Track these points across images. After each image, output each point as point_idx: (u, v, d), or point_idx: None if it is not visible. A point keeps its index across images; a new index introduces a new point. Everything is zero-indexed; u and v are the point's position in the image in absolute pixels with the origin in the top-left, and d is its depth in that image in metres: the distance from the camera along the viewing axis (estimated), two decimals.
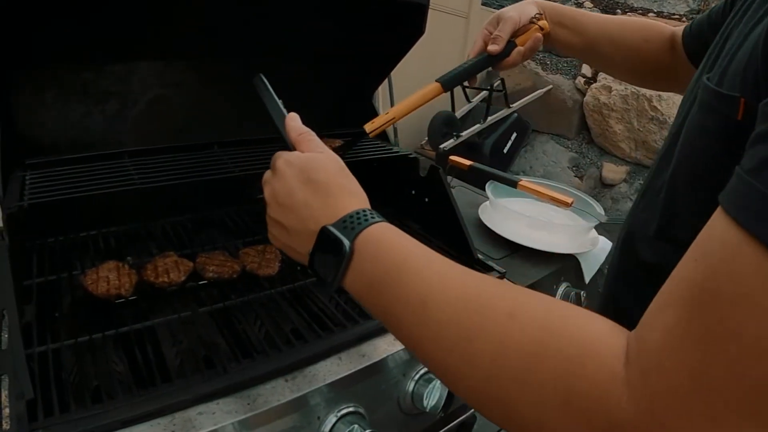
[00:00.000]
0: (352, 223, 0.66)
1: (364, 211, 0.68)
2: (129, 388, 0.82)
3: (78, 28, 1.11)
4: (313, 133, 0.80)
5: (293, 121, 0.83)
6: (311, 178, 0.71)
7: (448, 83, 1.14)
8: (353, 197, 0.72)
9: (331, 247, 0.66)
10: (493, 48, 1.14)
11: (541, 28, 1.15)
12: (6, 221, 0.91)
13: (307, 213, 0.70)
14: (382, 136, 1.50)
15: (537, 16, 1.16)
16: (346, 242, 0.64)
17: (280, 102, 0.90)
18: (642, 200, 0.81)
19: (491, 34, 1.17)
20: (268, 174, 0.78)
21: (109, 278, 1.02)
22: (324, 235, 0.67)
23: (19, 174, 1.08)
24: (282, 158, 0.76)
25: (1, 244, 0.89)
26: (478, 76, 1.23)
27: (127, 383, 0.84)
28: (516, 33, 1.15)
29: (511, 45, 1.14)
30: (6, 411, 0.77)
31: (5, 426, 0.75)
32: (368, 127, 1.13)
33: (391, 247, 0.64)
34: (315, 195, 0.70)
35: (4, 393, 0.80)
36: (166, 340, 0.97)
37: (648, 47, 1.14)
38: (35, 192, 0.99)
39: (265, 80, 0.96)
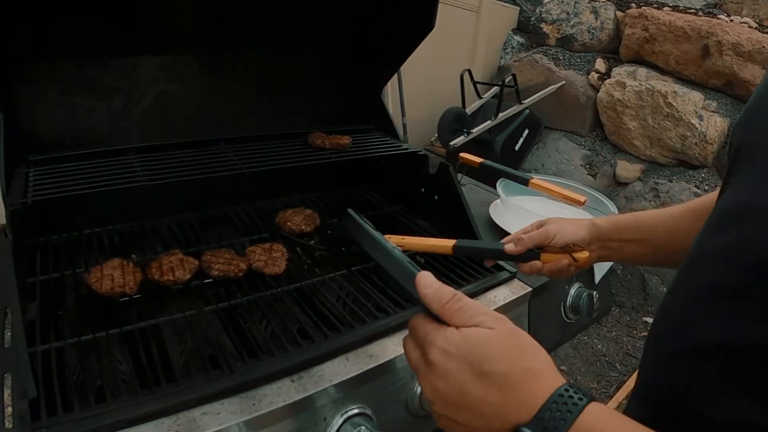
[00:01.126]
0: (554, 420, 0.55)
1: (561, 394, 0.57)
2: (133, 387, 0.82)
3: (82, 22, 1.12)
4: (461, 296, 0.64)
5: (428, 286, 0.66)
6: (485, 371, 0.59)
7: (460, 250, 1.10)
8: (543, 377, 0.59)
9: None
10: (509, 247, 1.08)
11: (575, 260, 1.06)
12: (9, 218, 0.92)
13: (489, 411, 0.58)
14: (392, 132, 1.50)
15: (573, 246, 1.07)
16: None
17: (396, 249, 0.75)
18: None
19: (530, 231, 1.11)
20: (414, 354, 0.65)
21: (113, 276, 1.02)
22: None
23: (22, 170, 1.09)
24: (436, 348, 0.61)
25: (5, 242, 0.89)
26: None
27: (131, 382, 0.84)
28: (543, 247, 1.08)
29: (532, 254, 1.07)
30: (8, 410, 0.77)
31: (8, 425, 0.75)
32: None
33: None
34: (496, 391, 0.58)
35: (7, 392, 0.80)
36: (170, 339, 0.98)
37: None
38: (39, 189, 0.99)
39: (357, 216, 0.84)
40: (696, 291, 0.66)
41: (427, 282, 0.65)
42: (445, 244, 1.09)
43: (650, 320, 3.48)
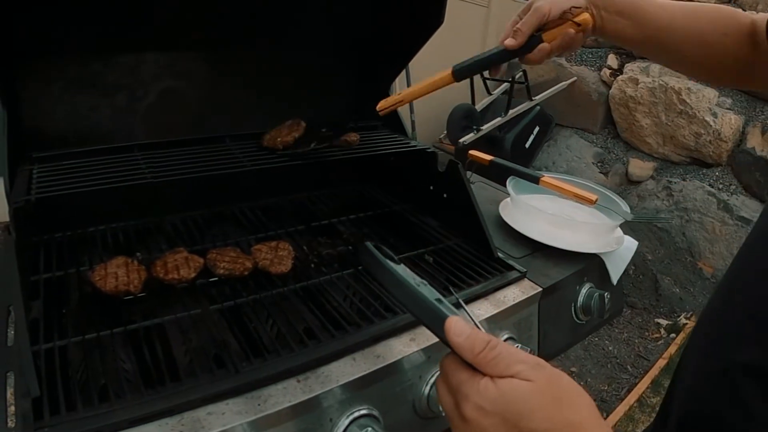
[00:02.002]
0: None
1: None
2: (137, 386, 0.82)
3: (85, 19, 1.12)
4: (494, 341, 0.60)
5: (460, 334, 0.61)
6: (522, 428, 0.55)
7: (460, 72, 1.09)
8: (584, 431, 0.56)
9: None
10: (509, 42, 1.04)
11: (578, 24, 1.03)
12: (13, 216, 0.92)
13: None
14: (400, 129, 1.50)
15: (573, 9, 1.03)
16: None
17: (420, 285, 0.70)
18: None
19: (518, 21, 1.06)
20: (447, 401, 0.62)
21: (117, 274, 1.02)
22: None
23: (26, 168, 1.09)
24: (470, 402, 0.58)
25: (8, 239, 0.90)
26: (503, 66, 1.14)
27: (135, 382, 0.85)
28: (544, 27, 1.04)
29: (534, 40, 1.04)
30: (12, 409, 0.77)
31: (11, 424, 0.75)
32: (379, 105, 1.15)
33: None
34: None
35: (10, 390, 0.80)
36: (175, 338, 0.98)
37: (725, 41, 1.00)
38: (42, 186, 1.00)
39: (375, 250, 0.78)
40: (749, 306, 0.65)
41: (458, 330, 0.61)
42: (443, 75, 1.11)
43: (663, 321, 3.47)
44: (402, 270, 0.74)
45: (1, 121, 1.03)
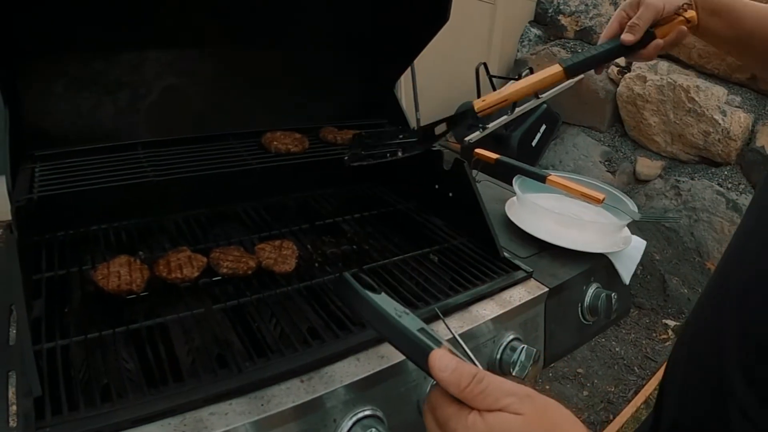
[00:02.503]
0: None
1: None
2: (139, 386, 0.83)
3: (87, 16, 1.12)
4: (482, 374, 0.58)
5: (444, 369, 0.60)
6: None
7: (572, 69, 1.07)
8: None
9: None
10: (627, 37, 1.04)
11: (688, 21, 1.05)
12: (15, 214, 0.92)
13: None
14: (405, 127, 1.50)
15: (685, 5, 1.05)
16: None
17: (402, 315, 0.68)
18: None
19: (628, 18, 1.06)
20: None
21: (120, 273, 1.03)
22: None
23: (28, 166, 1.10)
24: None
25: (10, 238, 0.90)
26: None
27: (137, 382, 0.85)
28: (657, 22, 1.05)
29: (649, 35, 1.05)
30: (13, 408, 0.78)
31: (12, 423, 0.76)
32: (477, 104, 1.08)
33: None
34: None
35: (12, 390, 0.81)
36: (178, 337, 0.98)
37: None
38: (45, 184, 1.00)
39: (354, 281, 0.74)
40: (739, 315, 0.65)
41: (442, 365, 0.59)
42: (553, 71, 1.07)
43: (671, 322, 3.47)
44: (382, 300, 0.71)
45: (3, 120, 1.03)
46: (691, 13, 1.05)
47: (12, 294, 0.85)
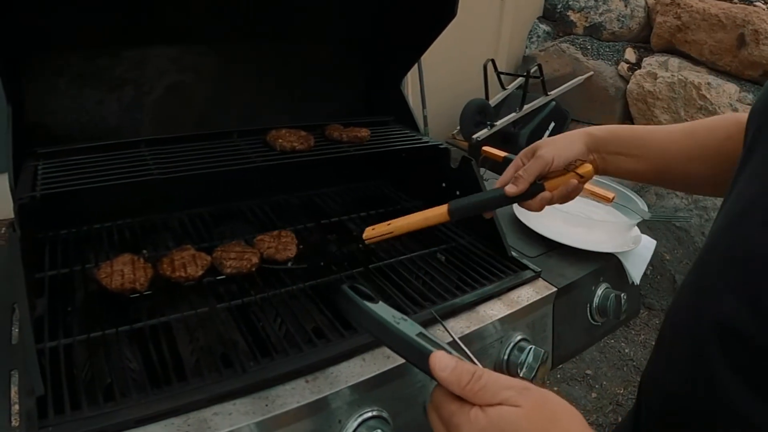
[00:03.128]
0: None
1: None
2: (143, 386, 0.83)
3: (90, 12, 1.13)
4: (480, 371, 0.62)
5: (444, 369, 0.63)
6: None
7: (456, 211, 1.05)
8: None
9: None
10: (510, 189, 1.04)
11: (581, 176, 1.05)
12: (18, 212, 0.93)
13: None
14: (411, 124, 1.50)
15: (577, 162, 1.06)
16: None
17: (400, 322, 0.70)
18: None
19: (522, 165, 1.07)
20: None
21: (123, 272, 1.03)
22: None
23: (30, 164, 1.10)
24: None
25: (13, 236, 0.90)
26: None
27: (140, 381, 0.85)
28: (546, 175, 1.05)
29: (536, 187, 1.05)
30: (16, 407, 0.78)
31: (15, 423, 0.76)
32: (366, 234, 1.07)
33: None
34: None
35: (14, 389, 0.81)
36: (182, 337, 0.98)
37: (728, 147, 0.94)
38: (48, 182, 1.00)
39: (351, 292, 0.77)
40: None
41: (442, 365, 0.62)
42: (438, 212, 1.06)
43: None
44: (380, 308, 0.73)
45: (6, 117, 1.03)
46: (585, 168, 1.05)
47: (15, 292, 0.85)
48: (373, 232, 1.06)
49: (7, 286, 1.00)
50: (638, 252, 1.43)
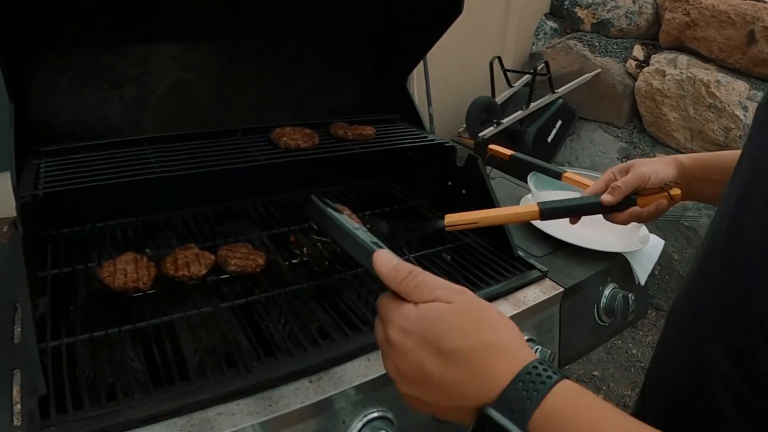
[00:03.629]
0: (520, 400, 0.54)
1: (528, 372, 0.56)
2: (145, 386, 0.83)
3: (93, 9, 1.13)
4: (417, 270, 0.65)
5: (385, 264, 0.66)
6: (442, 347, 0.58)
7: (547, 212, 1.11)
8: (507, 356, 0.58)
9: None
10: (606, 198, 1.11)
11: (671, 197, 1.11)
12: (20, 211, 0.93)
13: (450, 389, 0.58)
14: (417, 122, 1.50)
15: (670, 183, 1.12)
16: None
17: (358, 229, 0.76)
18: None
19: (614, 180, 1.14)
20: (379, 334, 0.66)
21: (126, 271, 1.03)
22: (485, 419, 0.56)
23: (33, 162, 1.10)
24: (394, 326, 0.62)
25: (15, 235, 0.90)
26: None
27: (143, 381, 0.85)
28: (640, 191, 1.12)
29: (629, 201, 1.12)
30: (18, 407, 0.78)
31: (17, 422, 0.76)
32: (448, 218, 1.08)
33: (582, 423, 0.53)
34: (455, 368, 0.58)
35: (16, 388, 0.81)
36: (185, 336, 0.98)
37: None
38: (50, 180, 1.01)
39: (319, 202, 0.86)
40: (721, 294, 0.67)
41: (383, 260, 0.66)
42: (529, 210, 1.11)
43: None
44: (342, 218, 0.80)
45: (9, 115, 1.04)
46: (676, 191, 1.12)
47: (17, 291, 0.85)
48: (455, 219, 1.08)
49: (10, 285, 1.00)
50: (646, 252, 1.42)
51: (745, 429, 0.59)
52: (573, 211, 1.15)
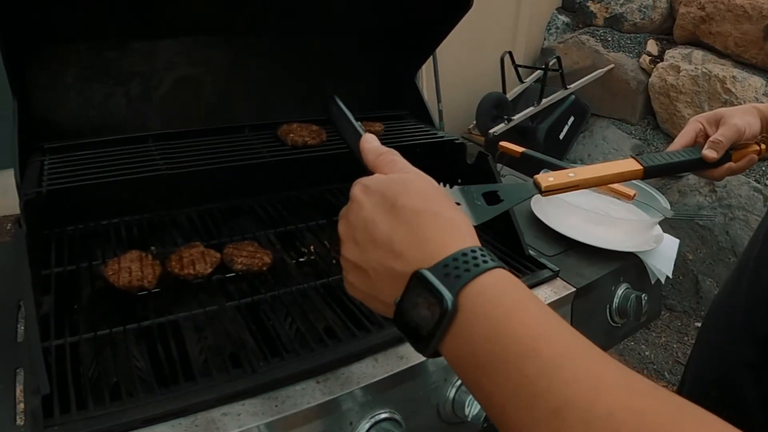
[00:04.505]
0: (457, 269, 0.53)
1: (473, 250, 0.55)
2: (150, 385, 0.83)
3: (98, 3, 1.13)
4: (396, 153, 0.69)
5: (369, 142, 0.72)
6: (397, 204, 0.59)
7: (651, 170, 1.03)
8: (456, 230, 0.58)
9: (427, 300, 0.53)
10: (710, 154, 1.06)
11: (761, 150, 1.10)
12: (23, 208, 0.93)
13: (392, 250, 0.58)
14: (426, 118, 1.49)
15: (764, 135, 1.10)
16: (448, 296, 0.52)
17: (358, 124, 0.83)
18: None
19: (704, 130, 1.11)
20: (343, 209, 0.67)
21: (131, 269, 1.03)
22: (417, 281, 0.55)
23: (36, 158, 1.11)
24: (359, 184, 0.65)
25: (19, 232, 0.91)
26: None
27: (148, 380, 0.85)
28: (735, 145, 1.08)
29: (726, 156, 1.07)
30: (21, 406, 0.79)
31: (20, 422, 0.77)
32: (543, 182, 0.95)
33: (512, 310, 0.51)
34: (403, 226, 0.58)
35: (19, 387, 0.82)
36: (190, 335, 0.99)
37: None
38: (54, 177, 1.01)
39: (340, 101, 0.92)
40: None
41: (368, 138, 0.73)
42: (630, 167, 1.02)
43: None
44: (351, 116, 0.87)
45: (12, 111, 1.04)
46: (765, 143, 1.10)
47: (20, 290, 0.86)
48: (552, 182, 0.96)
49: (13, 283, 1.01)
50: (660, 251, 1.42)
51: (763, 407, 0.62)
52: (675, 168, 1.10)
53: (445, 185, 0.87)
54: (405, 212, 0.58)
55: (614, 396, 0.43)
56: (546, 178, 0.95)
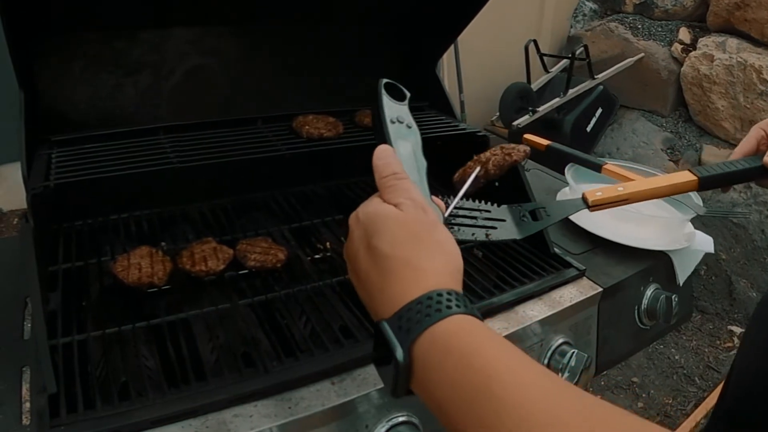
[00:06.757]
0: (410, 320, 0.56)
1: (429, 297, 0.57)
2: (159, 385, 0.84)
3: None
4: (403, 176, 0.70)
5: (380, 158, 0.72)
6: (371, 245, 0.64)
7: (707, 181, 1.03)
8: (420, 277, 0.60)
9: (385, 351, 0.58)
10: None
11: None
12: (30, 203, 0.94)
13: (368, 291, 0.64)
14: (447, 110, 1.49)
15: None
16: (399, 352, 0.56)
17: (388, 127, 0.81)
18: None
19: (767, 137, 1.10)
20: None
21: (141, 265, 1.04)
22: (379, 331, 0.59)
23: (44, 152, 1.12)
24: (355, 212, 0.69)
25: (26, 227, 0.92)
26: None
27: (157, 380, 0.86)
28: None
29: None
30: (27, 405, 0.80)
31: (26, 421, 0.77)
32: (591, 198, 0.97)
33: (465, 355, 0.53)
34: (375, 268, 0.63)
35: (26, 386, 0.83)
36: (201, 334, 0.99)
37: None
38: (62, 171, 1.02)
39: (384, 92, 0.89)
40: None
41: (381, 154, 0.72)
42: (685, 179, 1.02)
43: (737, 329, 3.40)
44: (396, 108, 0.86)
45: (19, 103, 1.05)
46: None
47: (27, 286, 0.87)
48: (600, 197, 0.98)
49: (20, 279, 1.01)
50: (692, 250, 1.41)
51: None
52: (734, 178, 1.08)
53: (493, 204, 0.89)
54: (376, 254, 0.63)
55: None
56: (594, 192, 0.97)
